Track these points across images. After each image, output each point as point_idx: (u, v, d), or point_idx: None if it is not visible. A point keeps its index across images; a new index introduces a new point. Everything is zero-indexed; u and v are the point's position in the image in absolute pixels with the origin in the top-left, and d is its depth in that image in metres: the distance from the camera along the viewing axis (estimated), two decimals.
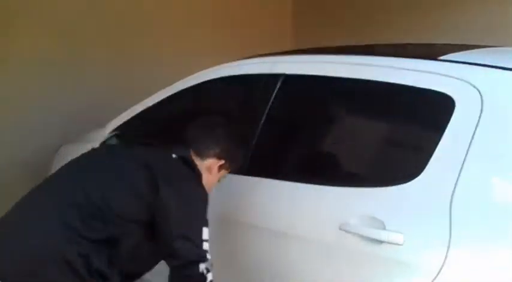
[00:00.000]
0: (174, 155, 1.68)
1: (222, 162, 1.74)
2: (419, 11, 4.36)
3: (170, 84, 2.49)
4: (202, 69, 2.31)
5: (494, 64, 1.54)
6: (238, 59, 2.23)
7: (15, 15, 3.90)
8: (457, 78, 1.52)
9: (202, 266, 1.55)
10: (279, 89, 1.92)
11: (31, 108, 4.05)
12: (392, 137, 1.74)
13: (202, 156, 1.72)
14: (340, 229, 1.60)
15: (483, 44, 2.03)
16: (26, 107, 4.03)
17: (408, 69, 1.65)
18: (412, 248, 1.46)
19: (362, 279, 1.58)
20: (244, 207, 1.89)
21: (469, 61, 1.60)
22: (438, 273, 1.39)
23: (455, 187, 1.43)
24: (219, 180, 1.79)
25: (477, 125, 1.44)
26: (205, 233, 1.58)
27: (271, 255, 1.80)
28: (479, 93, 1.46)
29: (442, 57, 1.66)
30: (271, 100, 1.94)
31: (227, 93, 2.27)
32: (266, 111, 1.94)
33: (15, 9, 3.90)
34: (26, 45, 3.95)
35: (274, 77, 1.96)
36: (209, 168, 1.73)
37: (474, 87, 1.48)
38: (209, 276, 1.56)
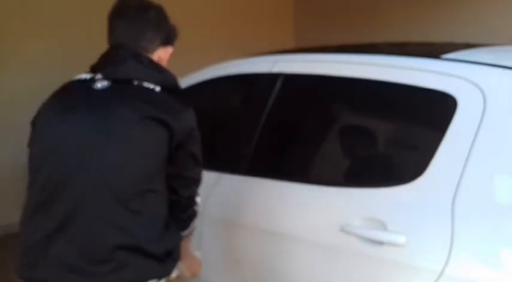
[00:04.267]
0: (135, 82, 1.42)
1: (169, 47, 1.54)
2: (421, 10, 4.36)
3: None
4: (202, 68, 2.31)
5: (497, 63, 1.53)
6: (239, 58, 2.22)
7: (14, 15, 3.90)
8: (460, 78, 1.51)
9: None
10: (280, 88, 1.91)
11: (29, 109, 4.04)
12: (394, 137, 1.73)
13: (149, 51, 1.48)
14: (342, 230, 1.59)
15: (497, 43, 2.03)
16: (25, 107, 4.02)
17: (410, 68, 1.64)
18: (414, 249, 1.45)
19: (363, 280, 1.58)
20: (244, 207, 1.88)
21: (472, 60, 1.59)
22: (440, 275, 1.38)
23: (457, 187, 1.42)
24: None
25: (480, 125, 1.43)
26: None
27: (271, 256, 1.79)
28: (482, 92, 1.45)
29: (444, 56, 1.65)
30: (272, 100, 1.93)
31: (227, 92, 2.27)
32: (266, 111, 1.93)
33: (14, 9, 3.90)
34: (25, 45, 3.96)
35: (275, 76, 1.95)
36: (160, 60, 1.51)
37: (477, 86, 1.47)
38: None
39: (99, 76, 1.45)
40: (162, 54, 1.52)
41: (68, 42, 4.14)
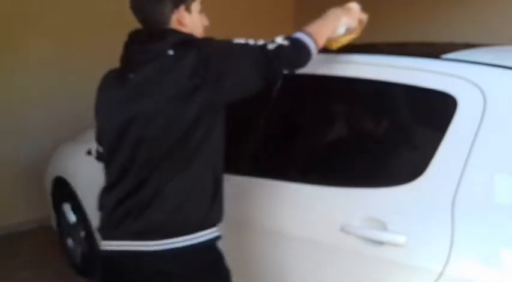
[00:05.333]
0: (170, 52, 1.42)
1: (182, 7, 1.49)
2: (421, 10, 4.36)
3: None
4: None
5: (497, 63, 1.53)
6: None
7: (16, 17, 3.90)
8: (460, 78, 1.51)
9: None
10: (280, 88, 1.91)
11: (30, 108, 4.05)
12: (394, 136, 1.73)
13: (167, 20, 1.47)
14: (342, 230, 1.59)
15: (497, 43, 2.02)
16: (25, 107, 4.03)
17: (410, 68, 1.64)
18: (414, 249, 1.45)
19: (363, 280, 1.58)
20: (244, 207, 1.88)
21: (472, 60, 1.58)
22: (440, 275, 1.38)
23: (457, 187, 1.42)
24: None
25: (480, 125, 1.43)
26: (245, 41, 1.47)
27: (271, 256, 1.79)
28: (482, 92, 1.45)
29: (444, 56, 1.64)
30: (272, 100, 1.93)
31: None
32: (267, 111, 1.93)
33: (16, 12, 3.90)
34: (25, 46, 3.96)
35: None
36: (180, 22, 1.49)
37: (477, 86, 1.47)
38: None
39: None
40: (180, 19, 1.49)
41: (68, 43, 4.14)
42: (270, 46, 1.46)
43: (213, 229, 1.49)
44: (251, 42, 1.47)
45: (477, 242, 1.37)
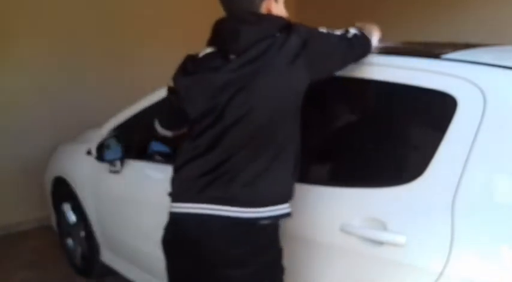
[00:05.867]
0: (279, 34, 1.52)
1: None
2: (421, 10, 4.36)
3: (167, 84, 2.47)
4: None
5: (497, 63, 1.52)
6: None
7: (15, 16, 3.90)
8: (460, 78, 1.51)
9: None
10: None
11: (28, 109, 4.05)
12: (394, 137, 1.72)
13: (257, 8, 1.56)
14: (341, 230, 1.59)
15: (497, 43, 2.02)
16: (25, 107, 4.03)
17: (410, 68, 1.64)
18: (414, 249, 1.45)
19: (363, 280, 1.57)
20: None
21: (472, 60, 1.58)
22: (440, 275, 1.38)
23: (457, 187, 1.41)
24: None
25: (480, 125, 1.43)
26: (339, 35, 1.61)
27: None
28: (482, 92, 1.45)
29: (444, 56, 1.64)
30: None
31: None
32: None
33: (15, 11, 3.90)
34: (24, 46, 3.96)
35: None
36: (268, 11, 1.58)
37: (477, 86, 1.47)
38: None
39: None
40: (269, 7, 1.58)
41: (67, 43, 4.14)
42: (349, 35, 1.62)
43: (288, 205, 1.57)
44: (333, 31, 1.61)
45: (477, 242, 1.37)
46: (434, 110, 1.59)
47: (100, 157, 2.55)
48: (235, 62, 1.51)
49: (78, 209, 3.09)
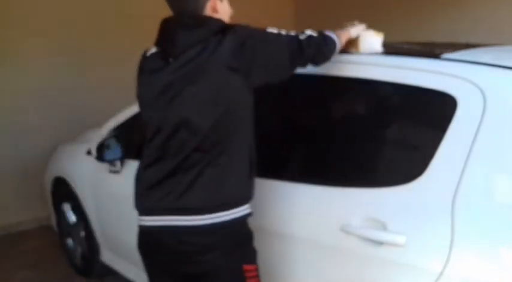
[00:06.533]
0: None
1: None
2: (424, 10, 4.36)
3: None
4: None
5: (497, 63, 1.52)
6: None
7: (14, 16, 3.90)
8: (460, 78, 1.51)
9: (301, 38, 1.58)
10: (280, 88, 1.90)
11: (28, 109, 4.05)
12: (394, 137, 1.73)
13: (202, 8, 1.56)
14: (342, 230, 1.59)
15: (490, 43, 2.02)
16: (25, 107, 4.03)
17: (410, 68, 1.64)
18: (414, 249, 1.45)
19: (363, 280, 1.57)
20: None
21: (472, 60, 1.58)
22: (440, 275, 1.38)
23: (457, 187, 1.41)
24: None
25: (480, 125, 1.43)
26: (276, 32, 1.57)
27: (271, 256, 1.78)
28: (482, 92, 1.45)
29: (444, 56, 1.64)
30: (272, 99, 1.92)
31: None
32: (266, 112, 1.92)
33: (14, 10, 3.90)
34: (24, 46, 3.96)
35: None
36: (214, 9, 1.58)
37: (477, 86, 1.47)
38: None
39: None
40: (214, 6, 1.58)
41: (67, 43, 4.14)
42: (302, 36, 1.58)
43: (247, 206, 1.58)
44: (283, 32, 1.58)
45: (477, 242, 1.37)
46: (434, 110, 1.59)
47: (100, 157, 2.55)
48: (172, 65, 1.52)
49: (78, 209, 3.09)
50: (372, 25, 1.84)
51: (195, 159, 1.51)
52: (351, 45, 1.80)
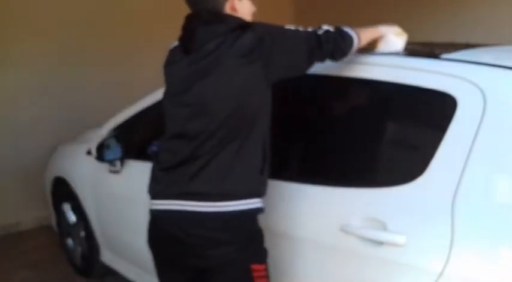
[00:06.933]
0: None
1: None
2: (424, 10, 4.36)
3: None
4: None
5: (497, 63, 1.52)
6: None
7: (13, 16, 3.90)
8: (460, 78, 1.51)
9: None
10: (279, 88, 1.90)
11: (29, 109, 4.05)
12: (394, 137, 1.73)
13: (222, 7, 1.60)
14: (342, 230, 1.59)
15: (489, 43, 2.02)
16: (25, 107, 4.03)
17: (410, 68, 1.64)
18: (414, 249, 1.45)
19: (363, 280, 1.57)
20: None
21: (472, 60, 1.58)
22: (440, 275, 1.38)
23: (457, 187, 1.41)
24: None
25: (480, 125, 1.43)
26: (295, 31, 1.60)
27: (271, 256, 1.78)
28: (482, 92, 1.45)
29: (444, 56, 1.64)
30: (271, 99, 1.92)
31: None
32: None
33: (13, 11, 3.90)
34: (23, 46, 3.96)
35: None
36: (233, 8, 1.62)
37: (477, 86, 1.47)
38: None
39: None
40: (233, 5, 1.61)
41: (67, 43, 4.14)
42: (319, 31, 1.60)
43: (258, 199, 1.58)
44: (300, 28, 1.60)
45: (477, 242, 1.37)
46: (434, 110, 1.59)
47: (100, 157, 2.55)
48: (191, 58, 1.57)
49: (78, 209, 3.09)
50: (372, 25, 1.83)
51: (207, 147, 1.54)
52: (368, 44, 1.79)
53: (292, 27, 1.59)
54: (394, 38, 1.79)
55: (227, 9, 1.60)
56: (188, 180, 1.55)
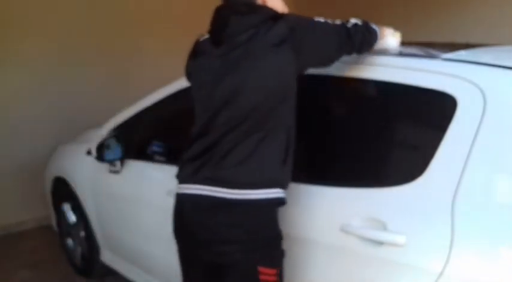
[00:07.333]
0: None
1: None
2: (424, 10, 4.36)
3: (167, 84, 2.48)
4: None
5: (497, 63, 1.52)
6: None
7: (13, 16, 3.90)
8: (460, 78, 1.51)
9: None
10: None
11: (29, 109, 4.05)
12: (394, 137, 1.73)
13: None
14: (342, 230, 1.59)
15: (489, 42, 2.02)
16: (25, 107, 4.03)
17: (410, 68, 1.64)
18: (414, 250, 1.45)
19: (363, 280, 1.57)
20: None
21: (472, 60, 1.58)
22: (440, 275, 1.38)
23: (457, 188, 1.41)
24: None
25: (480, 125, 1.43)
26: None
27: None
28: (482, 92, 1.45)
29: (444, 56, 1.64)
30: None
31: None
32: None
33: (13, 11, 3.90)
34: (23, 46, 3.96)
35: None
36: (263, 1, 1.66)
37: (477, 86, 1.47)
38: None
39: None
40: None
41: (67, 43, 4.14)
42: (348, 24, 1.63)
43: (280, 190, 1.58)
44: (330, 21, 1.62)
45: (477, 242, 1.37)
46: (434, 110, 1.59)
47: (100, 157, 2.55)
48: (222, 49, 1.59)
49: (78, 209, 3.09)
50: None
51: (233, 135, 1.56)
52: None
53: (321, 19, 1.61)
54: (390, 37, 1.82)
55: (258, 2, 1.63)
56: (214, 166, 1.57)
